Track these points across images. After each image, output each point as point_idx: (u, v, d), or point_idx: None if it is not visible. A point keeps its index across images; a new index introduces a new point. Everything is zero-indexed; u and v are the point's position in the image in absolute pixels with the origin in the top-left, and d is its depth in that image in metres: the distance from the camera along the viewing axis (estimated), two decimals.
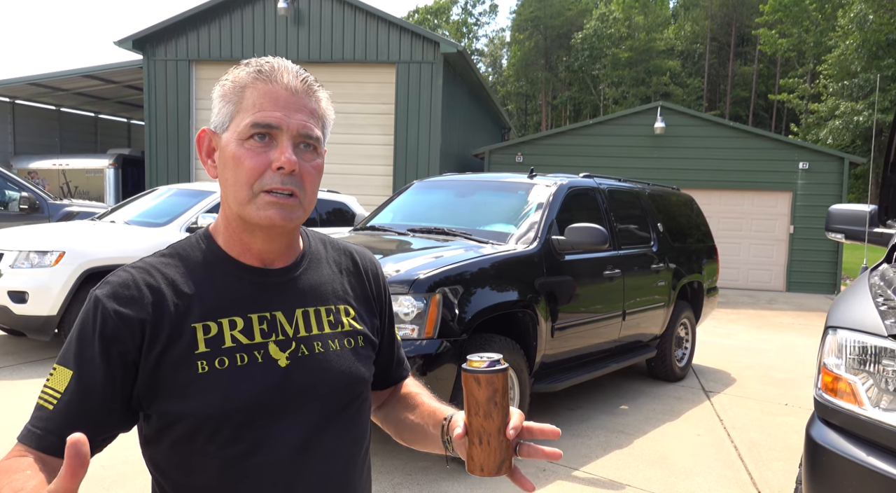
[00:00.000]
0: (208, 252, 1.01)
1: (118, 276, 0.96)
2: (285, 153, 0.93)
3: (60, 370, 0.92)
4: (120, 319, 0.92)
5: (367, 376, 1.09)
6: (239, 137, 0.94)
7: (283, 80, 0.96)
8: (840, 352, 1.95)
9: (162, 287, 0.95)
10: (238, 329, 0.96)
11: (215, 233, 1.03)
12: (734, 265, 13.08)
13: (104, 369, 0.90)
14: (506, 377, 0.89)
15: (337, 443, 1.01)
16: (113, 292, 0.93)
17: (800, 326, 9.14)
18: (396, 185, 12.41)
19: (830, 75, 28.18)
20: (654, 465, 3.81)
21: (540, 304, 3.98)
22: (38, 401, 0.92)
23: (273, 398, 0.95)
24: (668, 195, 6.24)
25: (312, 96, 0.98)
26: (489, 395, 0.88)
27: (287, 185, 0.94)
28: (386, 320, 1.19)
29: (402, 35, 12.52)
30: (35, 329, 5.33)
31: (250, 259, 1.01)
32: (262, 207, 0.93)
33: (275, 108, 0.94)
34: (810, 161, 12.72)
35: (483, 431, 0.89)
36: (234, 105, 0.96)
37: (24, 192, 7.98)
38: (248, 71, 0.97)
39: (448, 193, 5.22)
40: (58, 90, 16.46)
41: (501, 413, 0.89)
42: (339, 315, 1.07)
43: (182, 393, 0.92)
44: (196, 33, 13.18)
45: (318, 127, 0.98)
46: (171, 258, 1.00)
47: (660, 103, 13.46)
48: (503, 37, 59.05)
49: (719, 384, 5.76)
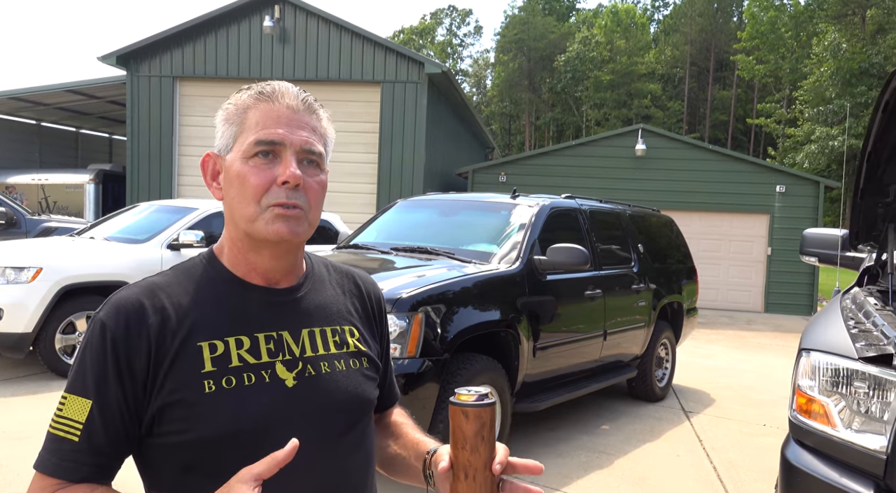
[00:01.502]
0: (213, 272, 1.02)
1: (120, 296, 0.96)
2: (289, 168, 0.94)
3: (74, 400, 0.91)
4: (127, 340, 0.91)
5: (372, 397, 1.09)
6: (243, 156, 0.96)
7: (285, 100, 0.98)
8: (813, 374, 1.99)
9: (166, 306, 0.95)
10: (245, 349, 0.96)
11: (219, 253, 1.04)
12: (713, 286, 13.24)
13: (120, 394, 0.91)
14: (493, 411, 0.89)
15: (343, 464, 1.01)
16: (116, 314, 0.93)
17: (777, 347, 9.25)
18: (380, 203, 12.43)
19: (806, 101, 28.88)
20: (634, 485, 3.82)
21: (522, 323, 4.00)
22: (55, 433, 0.91)
23: (280, 419, 0.95)
24: (649, 216, 6.33)
25: (314, 114, 1.01)
26: (477, 429, 0.87)
27: (292, 199, 0.95)
28: (385, 346, 1.20)
29: (388, 55, 12.64)
30: (9, 347, 5.22)
31: (256, 278, 1.02)
32: (270, 222, 0.95)
33: (277, 125, 0.96)
34: (787, 184, 12.97)
35: (469, 465, 0.87)
36: (238, 126, 0.98)
37: (1, 207, 7.86)
38: (250, 93, 1.00)
39: (432, 212, 5.25)
40: (39, 105, 16.31)
41: (488, 448, 0.88)
42: (345, 336, 1.07)
43: (188, 413, 0.91)
44: (181, 50, 13.18)
45: (319, 144, 1.00)
46: (174, 278, 1.01)
47: (641, 126, 13.69)
48: (487, 58, 59.78)
49: (699, 405, 5.80)
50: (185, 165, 13.39)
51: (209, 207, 6.76)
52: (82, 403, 0.90)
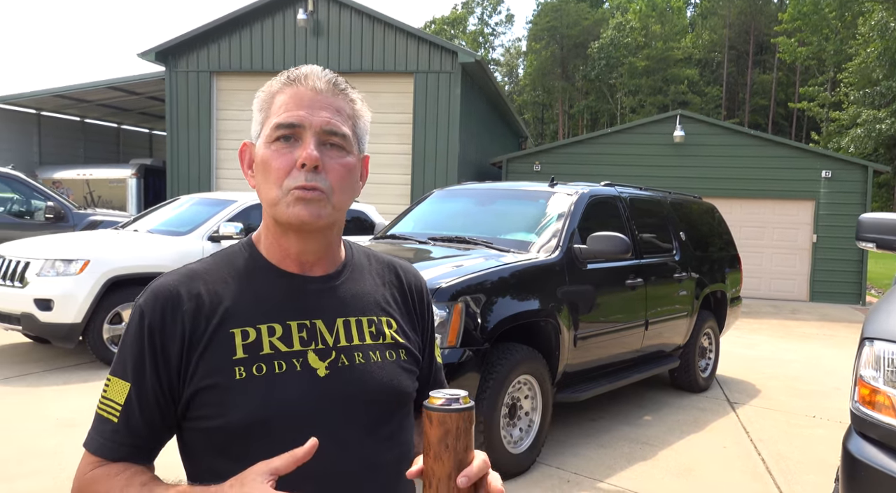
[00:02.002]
0: (250, 259, 1.01)
1: (159, 283, 0.97)
2: (307, 149, 0.93)
3: (116, 382, 0.95)
4: (163, 326, 0.93)
5: (410, 390, 1.06)
6: (267, 141, 0.96)
7: (310, 82, 0.97)
8: (878, 364, 1.90)
9: (202, 293, 0.96)
10: (276, 336, 0.95)
11: (257, 241, 1.04)
12: (756, 275, 12.91)
13: (155, 378, 0.93)
14: (463, 419, 0.81)
15: (374, 458, 0.98)
16: (154, 301, 0.95)
17: (825, 336, 8.98)
18: (414, 194, 12.44)
19: (851, 83, 27.86)
20: (679, 477, 3.75)
21: (562, 313, 3.95)
22: (100, 413, 0.96)
23: (311, 408, 0.94)
24: (690, 204, 6.18)
25: (339, 95, 0.98)
26: (440, 436, 0.81)
27: (311, 181, 0.93)
28: (428, 340, 1.16)
29: (420, 45, 12.59)
30: (60, 337, 5.39)
31: (290, 265, 1.01)
32: (290, 205, 0.94)
33: (298, 107, 0.95)
34: (833, 170, 12.54)
35: (433, 474, 0.82)
36: (265, 112, 0.98)
37: (50, 201, 8.10)
38: (280, 79, 0.99)
39: (468, 201, 5.21)
40: (82, 102, 16.77)
41: (453, 458, 0.81)
42: (382, 326, 1.04)
43: (220, 399, 0.91)
44: (217, 45, 13.36)
45: (345, 125, 0.98)
46: (213, 265, 1.01)
47: (679, 112, 13.38)
48: (519, 46, 59.19)
49: (744, 395, 5.67)
50: (222, 158, 13.61)
51: (247, 200, 6.85)
52: (122, 385, 0.94)
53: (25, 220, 8.04)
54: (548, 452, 4.03)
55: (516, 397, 3.74)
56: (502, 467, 3.55)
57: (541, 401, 3.83)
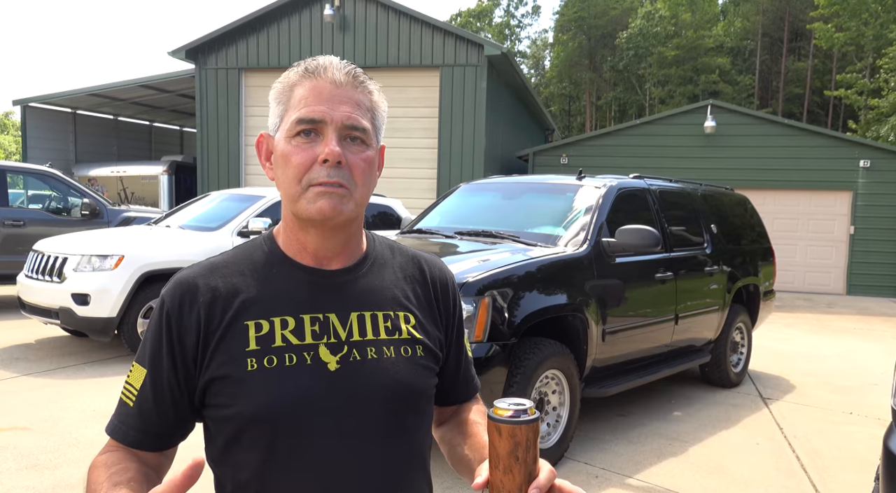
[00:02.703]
0: (269, 252, 1.02)
1: (181, 274, 1.00)
2: (329, 145, 0.93)
3: (137, 368, 0.98)
4: (181, 317, 0.95)
5: (424, 388, 1.03)
6: (287, 135, 0.95)
7: (329, 75, 0.96)
8: None
9: (219, 285, 0.97)
10: (289, 329, 0.96)
11: (277, 234, 1.04)
12: (790, 267, 12.63)
13: (171, 367, 0.95)
14: (532, 430, 0.80)
15: (386, 457, 0.97)
16: (174, 291, 0.97)
17: (862, 331, 8.74)
18: (441, 188, 12.43)
19: (892, 69, 26.94)
20: (711, 474, 3.69)
21: (590, 307, 3.91)
22: (121, 397, 0.99)
23: (320, 402, 0.93)
24: (721, 196, 6.06)
25: (359, 88, 0.98)
26: (510, 448, 0.80)
27: (334, 177, 0.93)
28: (453, 334, 1.13)
29: (447, 38, 12.55)
30: (96, 330, 5.52)
31: (306, 259, 1.01)
32: (312, 200, 0.93)
33: (318, 102, 0.94)
34: (872, 159, 12.18)
35: (503, 487, 0.81)
36: (284, 105, 0.98)
37: (86, 198, 8.30)
38: (297, 71, 0.98)
39: (495, 195, 5.19)
40: (116, 100, 17.12)
41: (524, 470, 0.80)
42: (398, 322, 1.03)
43: (233, 390, 0.93)
44: (245, 42, 13.51)
45: (365, 118, 0.97)
46: (233, 257, 1.03)
47: (710, 102, 13.12)
48: (546, 38, 58.60)
49: (777, 391, 5.55)
50: (251, 154, 13.77)
51: (276, 195, 6.92)
52: (140, 371, 0.97)
53: (62, 216, 8.25)
54: (576, 447, 4.00)
55: (544, 391, 3.72)
56: None
57: (569, 396, 3.80)
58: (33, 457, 3.57)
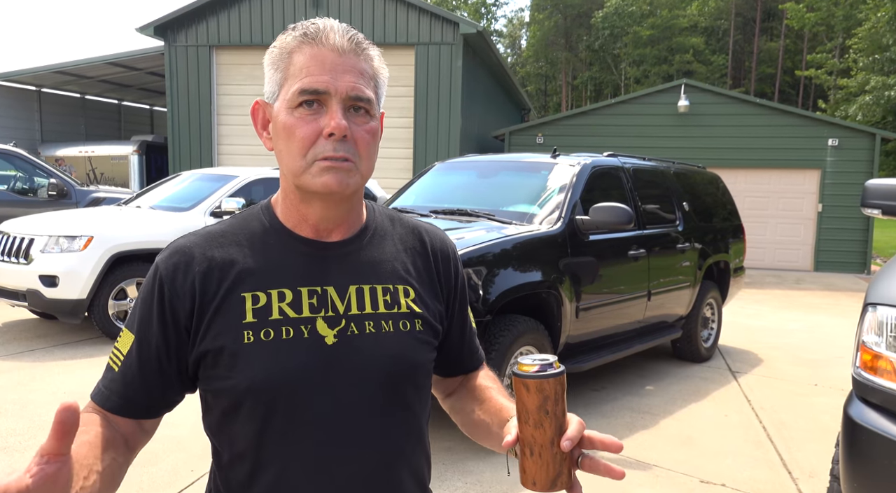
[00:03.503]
0: (266, 223, 1.00)
1: (178, 243, 0.98)
2: (335, 118, 0.90)
3: (125, 334, 0.97)
4: (174, 284, 0.93)
5: (422, 362, 1.02)
6: (288, 106, 0.92)
7: (330, 41, 0.92)
8: (880, 329, 1.90)
9: (216, 256, 0.95)
10: (286, 302, 0.94)
11: (275, 204, 1.02)
12: (760, 245, 12.87)
13: (160, 334, 0.93)
14: (559, 383, 0.82)
15: (384, 431, 0.96)
16: (169, 261, 0.95)
17: (828, 306, 8.98)
18: (417, 167, 12.38)
19: (861, 49, 27.38)
20: (681, 446, 3.79)
21: (564, 284, 3.95)
22: (108, 361, 0.98)
23: (316, 376, 0.93)
24: (694, 174, 6.13)
25: (361, 55, 0.94)
26: (539, 403, 0.81)
27: (340, 151, 0.90)
28: (456, 306, 1.12)
29: (421, 16, 12.41)
30: (66, 312, 5.43)
31: (305, 230, 0.99)
32: (317, 174, 0.91)
33: (321, 71, 0.90)
34: (840, 138, 12.40)
35: (534, 442, 0.82)
36: (282, 72, 0.93)
37: (53, 178, 8.10)
38: (295, 35, 0.94)
39: (470, 174, 5.18)
40: (82, 78, 16.65)
41: (554, 423, 0.82)
42: (398, 295, 1.01)
43: (229, 363, 0.91)
44: (216, 19, 13.19)
45: (369, 88, 0.94)
46: (230, 228, 1.00)
47: (683, 81, 13.20)
48: (522, 17, 58.27)
49: (746, 365, 5.69)
50: (224, 134, 13.54)
51: (249, 175, 6.83)
52: (128, 337, 0.96)
53: (28, 197, 8.05)
54: None
55: None
56: None
57: None
58: (2, 440, 3.53)
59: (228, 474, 0.96)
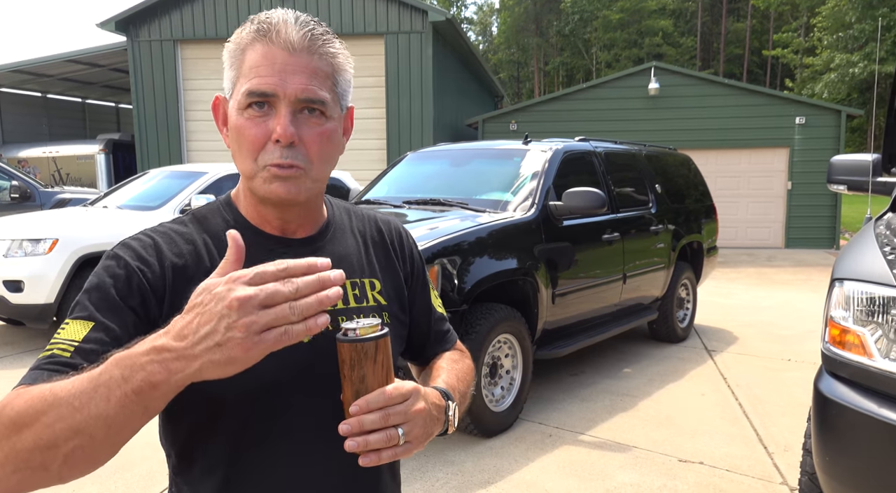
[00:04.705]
0: (230, 219, 0.97)
1: (137, 238, 0.92)
2: (281, 124, 0.86)
3: (75, 323, 0.83)
4: (141, 274, 0.86)
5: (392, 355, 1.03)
6: (239, 106, 0.89)
7: (282, 38, 0.87)
8: (847, 304, 1.92)
9: (183, 252, 0.91)
10: None
11: (237, 200, 0.99)
12: (733, 224, 13.05)
13: (128, 321, 0.84)
14: (355, 349, 0.79)
15: None
16: (133, 250, 0.89)
17: (800, 282, 9.14)
18: (390, 158, 12.29)
19: (825, 28, 27.79)
20: (659, 426, 3.83)
21: (540, 271, 3.95)
22: (44, 353, 0.82)
23: (294, 375, 0.91)
24: (665, 156, 6.17)
25: (316, 53, 0.89)
26: (339, 365, 0.81)
27: (287, 159, 0.87)
28: (417, 286, 1.12)
29: (390, 5, 12.28)
30: (33, 318, 5.30)
31: (271, 228, 0.97)
32: (266, 181, 0.88)
33: (271, 72, 0.86)
34: (807, 116, 12.59)
35: (344, 401, 0.82)
36: (236, 70, 0.90)
37: (14, 181, 7.88)
38: (250, 29, 0.89)
39: (443, 163, 5.15)
40: (43, 76, 16.20)
41: (351, 388, 0.81)
42: (365, 289, 1.01)
43: None
44: (179, 12, 12.91)
45: (323, 88, 0.89)
46: (192, 224, 0.96)
47: (653, 64, 13.27)
48: (492, 4, 58.04)
49: (722, 343, 5.77)
50: (192, 130, 13.29)
51: (219, 171, 6.71)
52: (82, 325, 0.82)
53: None
54: (530, 408, 4.08)
55: (497, 356, 3.76)
56: (486, 425, 3.59)
57: (521, 359, 3.86)
58: None
59: (198, 488, 0.92)
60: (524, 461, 3.35)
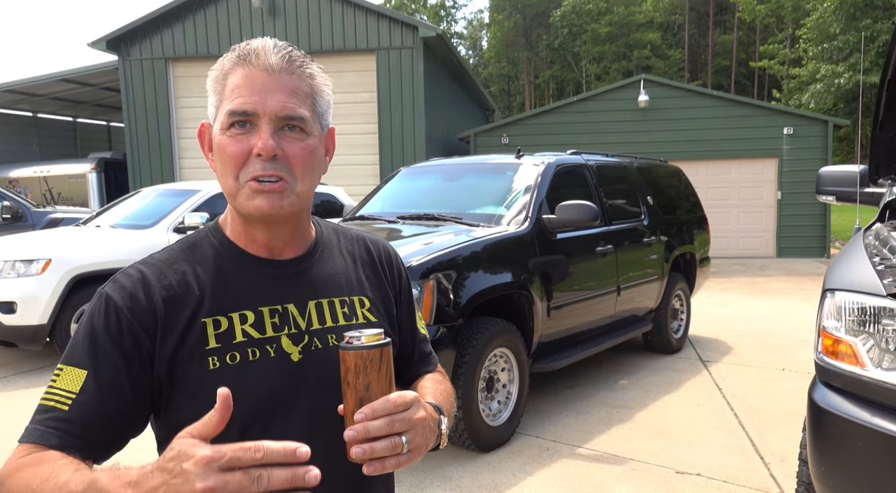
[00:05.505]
0: (217, 244, 0.99)
1: (127, 273, 0.94)
2: (262, 138, 0.89)
3: (70, 371, 0.87)
4: (131, 314, 0.89)
5: None
6: (222, 127, 0.92)
7: (261, 61, 0.92)
8: (839, 314, 1.94)
9: (172, 283, 0.93)
10: (249, 323, 0.94)
11: (224, 224, 1.01)
12: (724, 234, 13.14)
13: (121, 366, 0.88)
14: (360, 357, 0.81)
15: None
16: (122, 289, 0.91)
17: (792, 291, 9.20)
18: (383, 173, 12.33)
19: (810, 39, 28.18)
20: (656, 438, 3.83)
21: (534, 284, 3.97)
22: (44, 403, 0.87)
23: (286, 394, 0.92)
24: (656, 168, 6.23)
25: (295, 73, 0.93)
26: (343, 373, 0.83)
27: (270, 170, 0.90)
28: (405, 310, 1.14)
29: (381, 21, 12.38)
30: (26, 339, 5.26)
31: (258, 250, 0.98)
32: (250, 197, 0.91)
33: (251, 92, 0.90)
34: (794, 126, 12.74)
35: (346, 409, 0.83)
36: (218, 95, 0.94)
37: (6, 201, 7.85)
38: (231, 57, 0.94)
39: (436, 178, 5.18)
40: (33, 96, 16.20)
41: (355, 396, 0.82)
42: (354, 307, 1.03)
43: (194, 391, 0.89)
44: (170, 31, 12.96)
45: (303, 106, 0.93)
46: (181, 253, 0.98)
47: (642, 76, 13.41)
48: (482, 18, 58.58)
49: (716, 353, 5.79)
50: (184, 147, 13.30)
51: (212, 189, 6.71)
52: (78, 373, 0.87)
53: None
54: (527, 422, 4.08)
55: (493, 370, 3.76)
56: (483, 439, 3.58)
57: (517, 373, 3.86)
58: None
59: None
60: (522, 475, 3.35)
